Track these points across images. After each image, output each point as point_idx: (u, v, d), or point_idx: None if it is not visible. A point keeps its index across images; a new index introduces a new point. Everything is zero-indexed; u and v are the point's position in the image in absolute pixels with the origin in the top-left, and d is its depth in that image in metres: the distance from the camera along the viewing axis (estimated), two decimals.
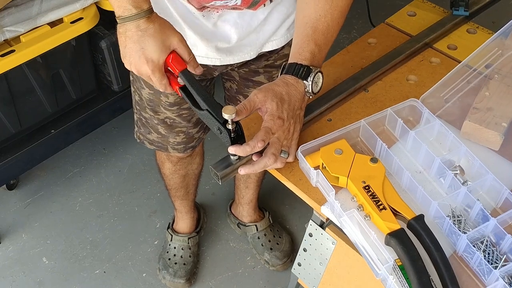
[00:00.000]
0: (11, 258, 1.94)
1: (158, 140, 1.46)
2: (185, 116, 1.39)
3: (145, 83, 1.33)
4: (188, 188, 1.77)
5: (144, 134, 1.48)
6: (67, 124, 1.96)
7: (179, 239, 1.89)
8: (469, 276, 0.91)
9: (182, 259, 1.86)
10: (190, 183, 1.75)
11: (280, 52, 1.32)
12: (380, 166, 1.00)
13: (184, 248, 1.88)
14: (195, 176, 1.75)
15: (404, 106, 1.11)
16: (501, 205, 0.98)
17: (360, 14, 2.83)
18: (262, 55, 1.30)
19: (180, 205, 1.83)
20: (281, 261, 1.88)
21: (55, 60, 1.80)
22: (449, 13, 1.38)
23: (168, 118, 1.38)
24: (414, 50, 1.29)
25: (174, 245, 1.89)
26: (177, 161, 1.60)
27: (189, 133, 1.45)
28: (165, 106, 1.35)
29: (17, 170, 1.96)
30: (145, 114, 1.41)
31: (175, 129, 1.42)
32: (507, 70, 1.18)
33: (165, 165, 1.64)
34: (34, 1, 1.71)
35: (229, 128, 0.96)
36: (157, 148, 1.50)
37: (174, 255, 1.87)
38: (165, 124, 1.40)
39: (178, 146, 1.48)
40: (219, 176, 1.03)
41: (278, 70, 1.35)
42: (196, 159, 1.67)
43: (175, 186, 1.73)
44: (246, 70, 1.36)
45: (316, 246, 1.18)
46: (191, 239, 1.89)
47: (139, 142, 1.53)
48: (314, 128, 1.14)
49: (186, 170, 1.67)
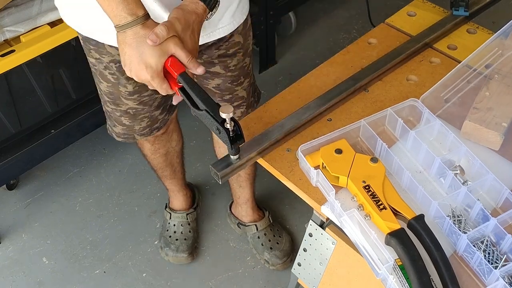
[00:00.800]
0: (11, 258, 1.94)
1: (124, 132, 1.48)
2: (147, 101, 1.39)
3: (102, 77, 1.34)
4: (174, 166, 1.79)
5: (112, 127, 1.50)
6: (67, 124, 1.95)
7: (178, 216, 1.94)
8: (469, 276, 0.91)
9: (183, 234, 1.92)
10: (173, 161, 1.77)
11: (230, 40, 1.32)
12: (380, 166, 1.00)
13: (184, 224, 1.93)
14: (177, 154, 1.77)
15: (404, 106, 1.11)
16: (501, 205, 0.98)
17: (360, 14, 2.83)
18: (212, 44, 1.30)
19: (170, 184, 1.87)
20: (281, 261, 1.88)
21: (55, 60, 1.80)
22: (449, 13, 1.38)
23: (130, 108, 1.39)
24: (414, 50, 1.29)
25: (173, 222, 1.94)
26: (153, 140, 1.62)
27: (152, 116, 1.46)
28: (125, 97, 1.36)
29: (17, 170, 1.96)
30: (107, 107, 1.43)
31: (139, 116, 1.43)
32: (507, 70, 1.18)
33: (144, 146, 1.66)
34: (34, 1, 1.71)
35: (228, 127, 0.96)
36: (124, 139, 1.52)
37: (174, 232, 1.92)
38: (128, 115, 1.42)
39: (144, 131, 1.49)
40: (219, 175, 1.03)
41: (232, 59, 1.36)
42: (173, 136, 1.69)
43: (159, 166, 1.76)
44: (201, 62, 1.35)
45: (316, 246, 1.18)
46: (190, 215, 1.95)
47: (109, 133, 1.55)
48: (314, 128, 1.14)
49: (166, 148, 1.69)
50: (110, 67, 1.29)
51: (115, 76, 1.31)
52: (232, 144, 0.99)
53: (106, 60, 1.28)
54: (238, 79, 1.41)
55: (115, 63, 1.28)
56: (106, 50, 1.26)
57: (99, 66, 1.31)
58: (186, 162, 1.88)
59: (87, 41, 1.28)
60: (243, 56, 1.39)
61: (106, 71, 1.31)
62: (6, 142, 1.86)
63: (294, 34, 2.72)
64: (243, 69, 1.41)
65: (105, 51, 1.26)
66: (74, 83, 1.92)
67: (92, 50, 1.29)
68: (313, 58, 2.60)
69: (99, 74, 1.34)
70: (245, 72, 1.43)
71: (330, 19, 2.85)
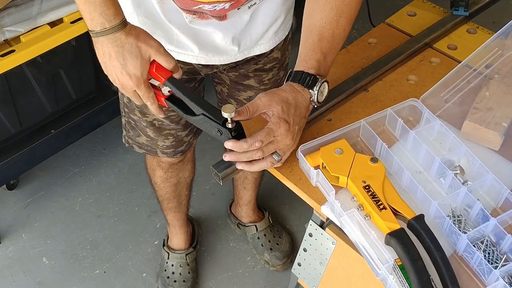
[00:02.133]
0: (11, 258, 1.94)
1: (147, 144, 1.43)
2: (173, 118, 1.36)
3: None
4: (181, 199, 1.73)
5: (133, 138, 1.45)
6: (67, 124, 1.95)
7: (177, 257, 1.85)
8: (469, 276, 0.91)
9: (181, 276, 1.83)
10: (182, 192, 1.71)
11: (269, 56, 1.32)
12: (380, 166, 1.00)
13: (183, 265, 1.84)
14: (187, 185, 1.71)
15: (404, 106, 1.11)
16: (501, 205, 0.98)
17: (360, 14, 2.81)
18: (251, 59, 1.29)
19: (173, 218, 1.79)
20: (281, 261, 1.88)
21: (55, 60, 1.80)
22: (449, 13, 1.38)
23: (156, 120, 1.35)
24: (414, 50, 1.29)
25: (171, 262, 1.85)
26: (168, 167, 1.56)
27: (178, 136, 1.41)
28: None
29: (17, 170, 1.96)
30: (133, 116, 1.38)
31: (164, 132, 1.39)
32: (507, 70, 1.18)
33: (156, 173, 1.60)
34: (34, 1, 1.71)
35: (229, 127, 0.95)
36: (146, 151, 1.47)
37: (172, 273, 1.83)
38: (154, 127, 1.37)
39: (167, 150, 1.44)
40: (220, 176, 1.03)
41: (268, 73, 1.35)
42: (187, 166, 1.63)
43: (167, 196, 1.69)
44: (236, 74, 1.34)
45: (316, 246, 1.18)
46: (189, 255, 1.86)
47: (127, 146, 1.49)
48: (314, 128, 1.14)
49: (178, 178, 1.63)
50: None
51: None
52: None
53: None
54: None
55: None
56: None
57: None
58: None
59: None
60: (278, 70, 1.38)
61: None
62: (6, 142, 1.86)
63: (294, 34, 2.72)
64: (276, 82, 1.40)
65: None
66: (74, 83, 1.92)
67: None
68: None
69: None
70: (277, 84, 1.40)
71: None
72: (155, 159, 1.54)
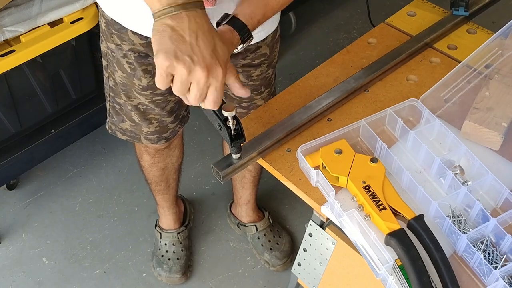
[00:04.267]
0: (11, 258, 1.94)
1: (131, 129, 1.43)
2: (159, 102, 1.36)
3: (118, 66, 1.29)
4: (169, 182, 1.75)
5: (117, 124, 1.45)
6: (67, 124, 1.95)
7: (169, 236, 1.89)
8: (469, 276, 0.91)
9: (175, 254, 1.87)
10: (170, 176, 1.73)
11: (257, 52, 1.31)
12: (380, 166, 1.00)
13: (175, 243, 1.88)
14: (174, 170, 1.73)
15: (404, 106, 1.11)
16: (501, 205, 0.98)
17: (360, 14, 2.83)
18: (239, 54, 1.29)
19: (161, 200, 1.83)
20: (281, 261, 1.88)
21: (55, 60, 1.80)
22: (449, 13, 1.38)
23: (141, 104, 1.36)
24: (414, 50, 1.29)
25: (164, 241, 1.89)
26: (154, 153, 1.58)
27: (162, 121, 1.42)
28: (138, 91, 1.32)
29: (17, 170, 1.96)
30: (119, 100, 1.38)
31: (148, 116, 1.39)
32: (507, 70, 1.17)
33: (143, 157, 1.63)
34: (34, 1, 1.71)
35: (229, 126, 0.95)
36: (129, 138, 1.47)
37: (166, 251, 1.88)
38: (138, 111, 1.38)
39: (151, 136, 1.45)
40: (220, 174, 1.03)
41: (256, 69, 1.35)
42: (174, 152, 1.65)
43: (154, 179, 1.72)
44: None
45: (316, 246, 1.18)
46: (181, 234, 1.90)
47: (110, 132, 1.49)
48: (314, 128, 1.14)
49: (165, 163, 1.65)
50: (128, 55, 1.26)
51: (132, 67, 1.28)
52: (233, 142, 0.98)
53: (126, 48, 1.24)
54: (258, 89, 1.41)
55: (134, 52, 1.25)
56: (128, 36, 1.22)
57: (118, 53, 1.27)
58: (186, 161, 1.88)
59: (110, 25, 1.24)
60: (267, 67, 1.38)
61: (124, 59, 1.27)
62: (6, 142, 1.86)
63: (294, 34, 2.72)
64: (265, 80, 1.40)
65: (126, 38, 1.23)
66: (74, 83, 1.92)
67: (114, 35, 1.25)
68: (313, 58, 2.60)
69: (116, 62, 1.30)
70: (267, 82, 1.41)
71: (330, 19, 2.85)
72: (142, 144, 1.54)
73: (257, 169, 1.77)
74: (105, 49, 1.32)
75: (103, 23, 1.27)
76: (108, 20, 1.24)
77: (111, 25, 1.24)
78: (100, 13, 1.28)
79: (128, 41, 1.23)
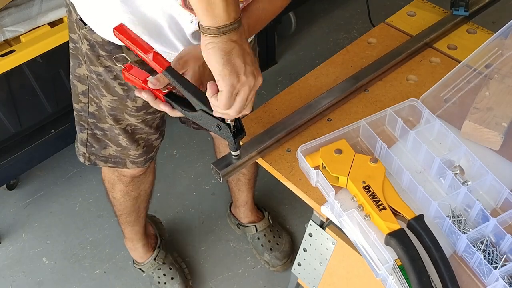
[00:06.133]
0: (11, 258, 1.94)
1: (116, 154, 1.36)
2: (148, 120, 1.30)
3: (106, 90, 1.21)
4: (140, 212, 1.68)
5: (97, 152, 1.37)
6: (67, 124, 1.95)
7: (149, 266, 1.82)
8: (469, 276, 0.91)
9: (166, 276, 1.81)
10: (141, 205, 1.66)
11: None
12: (380, 166, 1.00)
13: (160, 267, 1.82)
14: (146, 197, 1.66)
15: (404, 106, 1.11)
16: (501, 205, 0.98)
17: (360, 14, 2.83)
18: None
19: (130, 232, 1.74)
20: (281, 262, 1.88)
21: (55, 60, 1.80)
22: (449, 13, 1.38)
23: (129, 125, 1.29)
24: (414, 50, 1.29)
25: (149, 272, 1.83)
26: (129, 181, 1.51)
27: (149, 139, 1.36)
28: (130, 112, 1.25)
29: (17, 170, 1.96)
30: (103, 125, 1.30)
31: (136, 137, 1.33)
32: (507, 70, 1.17)
33: (116, 187, 1.54)
34: (34, 1, 1.71)
35: (229, 122, 0.94)
36: (113, 164, 1.39)
37: (158, 278, 1.81)
38: (126, 133, 1.31)
39: (138, 159, 1.38)
40: (220, 174, 1.03)
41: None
42: (149, 177, 1.58)
43: (126, 210, 1.64)
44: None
45: (316, 246, 1.18)
46: (158, 258, 1.83)
47: (89, 164, 1.40)
48: (314, 128, 1.14)
49: (139, 191, 1.58)
50: (121, 76, 1.16)
51: (126, 88, 1.20)
52: (235, 139, 0.97)
53: (119, 69, 1.15)
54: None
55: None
56: (122, 55, 1.13)
57: (107, 76, 1.18)
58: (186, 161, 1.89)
59: (99, 47, 1.14)
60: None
61: (115, 81, 1.19)
62: (6, 142, 1.86)
63: (294, 34, 2.72)
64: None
65: (120, 57, 1.14)
66: None
67: (103, 57, 1.16)
68: (313, 58, 2.60)
69: (103, 86, 1.21)
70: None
71: (330, 19, 2.85)
72: (115, 173, 1.47)
73: (252, 172, 1.76)
74: (86, 73, 1.24)
75: (86, 46, 1.16)
76: (96, 42, 1.14)
77: (100, 47, 1.14)
78: (81, 36, 1.16)
79: (122, 60, 1.14)
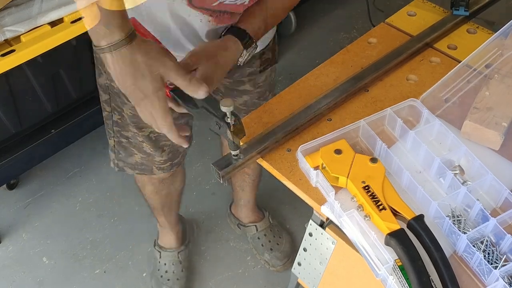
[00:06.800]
0: (11, 258, 1.94)
1: (142, 161, 1.38)
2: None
3: (126, 98, 1.21)
4: (172, 205, 1.71)
5: (125, 159, 1.40)
6: (67, 124, 1.96)
7: (169, 255, 1.84)
8: (469, 276, 0.91)
9: (174, 274, 1.82)
10: (173, 199, 1.68)
11: (262, 58, 1.31)
12: (380, 166, 1.00)
13: (175, 263, 1.83)
14: (177, 193, 1.68)
15: (404, 106, 1.11)
16: (501, 205, 0.98)
17: (360, 14, 2.83)
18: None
19: (164, 221, 1.78)
20: (281, 262, 1.88)
21: (55, 60, 1.80)
22: (449, 13, 1.38)
23: (152, 132, 1.31)
24: (414, 50, 1.29)
25: (164, 261, 1.84)
26: (158, 183, 1.53)
27: (174, 146, 1.37)
28: None
29: (17, 170, 1.96)
30: (126, 133, 1.32)
31: (160, 144, 1.35)
32: (507, 70, 1.17)
33: (146, 188, 1.57)
34: (34, 1, 1.71)
35: (228, 121, 0.95)
36: (140, 171, 1.42)
37: (166, 272, 1.82)
38: (150, 141, 1.33)
39: (164, 165, 1.40)
40: (220, 174, 1.03)
41: (262, 75, 1.35)
42: (178, 178, 1.60)
43: (156, 205, 1.67)
44: (230, 81, 1.33)
45: (316, 246, 1.18)
46: (181, 253, 1.85)
47: (117, 170, 1.44)
48: (314, 128, 1.14)
49: (169, 190, 1.61)
50: None
51: None
52: (234, 138, 0.98)
53: None
54: (264, 94, 1.41)
55: None
56: None
57: None
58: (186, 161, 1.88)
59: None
60: (270, 71, 1.37)
61: None
62: (6, 142, 1.86)
63: (294, 34, 2.72)
64: (270, 84, 1.39)
65: None
66: (74, 83, 1.92)
67: None
68: (313, 58, 2.60)
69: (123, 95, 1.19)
70: (271, 86, 1.40)
71: (330, 19, 2.85)
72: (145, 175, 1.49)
73: (256, 173, 1.76)
74: (107, 82, 1.25)
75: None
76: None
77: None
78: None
79: None
